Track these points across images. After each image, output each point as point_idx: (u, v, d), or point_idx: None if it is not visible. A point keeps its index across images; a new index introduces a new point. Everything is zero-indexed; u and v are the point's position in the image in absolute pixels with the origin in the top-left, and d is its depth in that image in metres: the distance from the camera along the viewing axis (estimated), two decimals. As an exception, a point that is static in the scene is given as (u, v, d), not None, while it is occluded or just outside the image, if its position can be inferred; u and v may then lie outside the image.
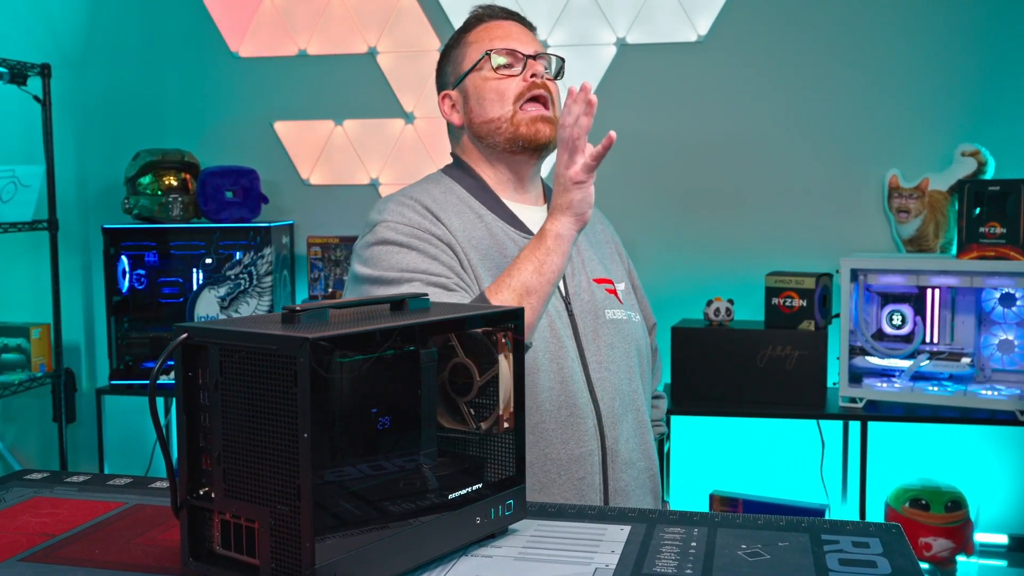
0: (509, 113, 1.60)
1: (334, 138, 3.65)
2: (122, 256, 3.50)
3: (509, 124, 1.60)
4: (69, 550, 1.14)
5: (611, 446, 1.57)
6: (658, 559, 1.09)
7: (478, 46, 1.65)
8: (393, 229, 1.54)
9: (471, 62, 1.64)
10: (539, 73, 1.62)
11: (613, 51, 3.39)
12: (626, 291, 1.71)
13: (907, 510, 2.93)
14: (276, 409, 0.94)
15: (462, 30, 1.71)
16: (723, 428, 3.32)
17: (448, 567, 1.07)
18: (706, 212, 3.36)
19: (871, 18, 3.20)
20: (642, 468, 1.63)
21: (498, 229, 1.60)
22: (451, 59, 1.70)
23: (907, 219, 3.11)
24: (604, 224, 1.83)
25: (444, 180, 1.67)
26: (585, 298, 1.62)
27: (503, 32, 1.66)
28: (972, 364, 2.87)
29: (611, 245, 1.79)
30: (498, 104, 1.61)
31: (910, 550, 1.11)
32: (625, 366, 1.61)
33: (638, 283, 1.83)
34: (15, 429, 3.87)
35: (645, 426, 1.66)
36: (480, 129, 1.63)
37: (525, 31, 1.69)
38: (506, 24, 1.68)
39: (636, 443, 1.62)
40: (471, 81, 1.64)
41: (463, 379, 1.17)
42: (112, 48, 3.77)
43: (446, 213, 1.58)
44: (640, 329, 1.70)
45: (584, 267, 1.66)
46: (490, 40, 1.65)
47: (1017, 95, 3.13)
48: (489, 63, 1.62)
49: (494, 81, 1.62)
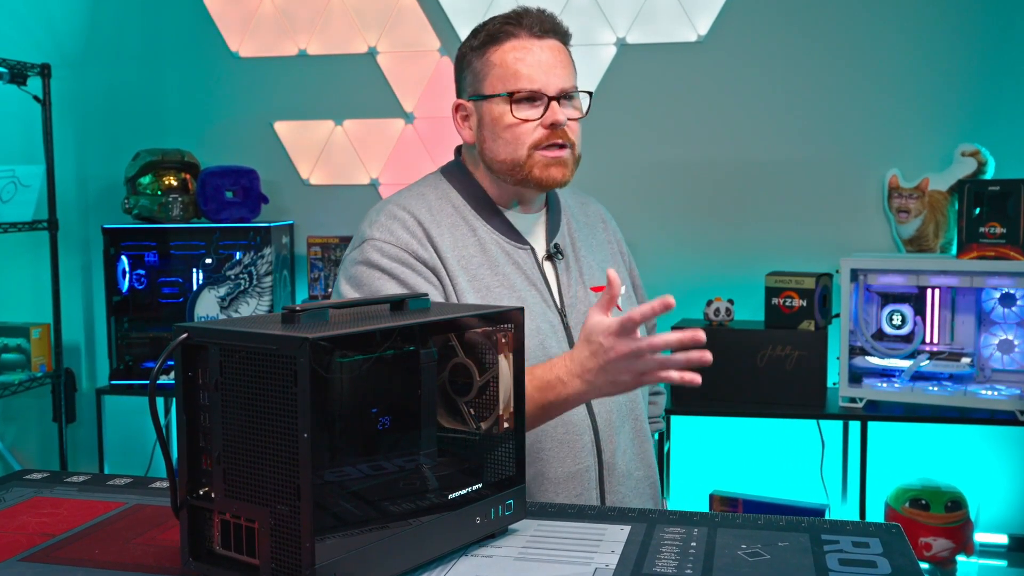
0: (523, 157, 1.52)
1: (334, 138, 3.65)
2: (122, 256, 3.50)
3: (521, 169, 1.53)
4: (69, 550, 1.14)
5: (608, 460, 1.55)
6: (658, 559, 1.09)
7: (501, 72, 1.53)
8: (380, 250, 1.51)
9: (491, 88, 1.54)
10: (559, 122, 1.51)
11: (613, 51, 3.39)
12: (627, 296, 1.68)
13: (907, 510, 2.93)
14: (276, 409, 0.94)
15: (488, 39, 1.56)
16: (723, 428, 3.32)
17: (448, 567, 1.07)
18: (706, 212, 3.36)
19: (871, 18, 3.20)
20: (640, 478, 1.61)
21: (491, 242, 1.56)
22: (471, 68, 1.58)
23: (907, 219, 3.11)
24: (607, 222, 1.78)
25: (442, 185, 1.62)
26: (582, 309, 1.59)
27: (532, 62, 1.52)
28: (972, 364, 2.87)
29: (613, 245, 1.76)
30: (512, 147, 1.52)
31: (910, 550, 1.11)
32: None
33: (639, 283, 1.81)
34: (15, 429, 3.87)
35: (643, 434, 1.64)
36: (491, 164, 1.56)
37: (558, 57, 1.55)
38: (537, 48, 1.53)
39: (634, 453, 1.61)
40: (488, 109, 1.54)
41: (463, 379, 1.17)
42: (112, 48, 3.77)
43: (439, 227, 1.54)
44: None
45: (582, 276, 1.63)
46: (515, 71, 1.52)
47: (1017, 95, 3.13)
48: (509, 103, 1.52)
49: (512, 125, 1.52)
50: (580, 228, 1.69)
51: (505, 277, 1.54)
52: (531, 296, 1.55)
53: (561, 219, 1.66)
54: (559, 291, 1.59)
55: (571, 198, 1.75)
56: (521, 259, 1.57)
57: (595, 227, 1.74)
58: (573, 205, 1.73)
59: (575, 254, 1.64)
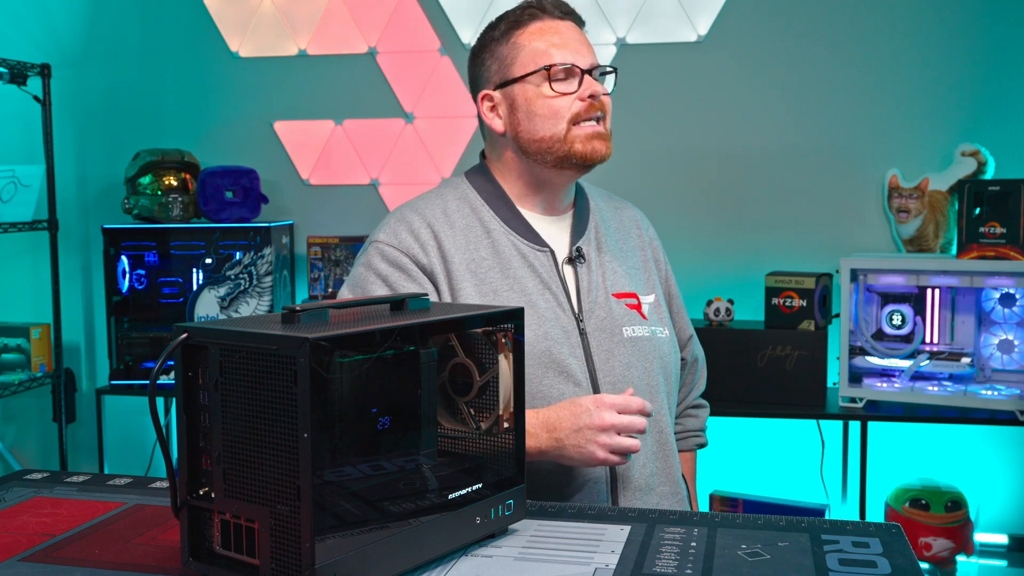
0: (562, 132, 1.51)
1: (334, 138, 3.65)
2: (122, 256, 3.50)
3: (562, 143, 1.51)
4: (69, 550, 1.14)
5: (622, 472, 1.49)
6: (658, 559, 1.09)
7: (531, 51, 1.52)
8: (380, 253, 1.52)
9: (523, 68, 1.52)
10: (597, 92, 1.52)
11: (613, 51, 3.39)
12: (654, 304, 1.62)
13: (907, 510, 2.93)
14: (276, 409, 0.94)
15: (512, 24, 1.55)
16: (723, 428, 3.32)
17: (448, 567, 1.07)
18: (706, 212, 3.36)
19: (871, 18, 3.20)
20: (664, 493, 1.54)
21: (506, 243, 1.54)
22: (496, 56, 1.56)
23: (907, 219, 3.11)
24: (642, 229, 1.72)
25: (462, 185, 1.61)
26: (601, 315, 1.55)
27: (561, 40, 1.53)
28: (972, 364, 2.87)
29: (647, 252, 1.70)
30: (551, 123, 1.51)
31: (910, 550, 1.11)
32: (645, 386, 1.53)
33: (675, 291, 1.74)
34: (15, 429, 3.87)
35: (669, 448, 1.56)
36: (528, 146, 1.53)
37: (581, 35, 1.56)
38: (563, 28, 1.54)
39: (656, 467, 1.53)
40: (521, 91, 1.53)
41: (463, 379, 1.17)
42: (112, 48, 3.77)
43: (452, 230, 1.53)
44: (667, 344, 1.60)
45: (604, 281, 1.58)
46: (546, 48, 1.52)
47: (1017, 95, 3.13)
48: (546, 78, 1.51)
49: (549, 99, 1.51)
50: (610, 232, 1.65)
51: (516, 280, 1.52)
52: (543, 300, 1.52)
53: (589, 223, 1.63)
54: (577, 295, 1.55)
55: (605, 202, 1.71)
56: (538, 261, 1.55)
57: (628, 232, 1.69)
58: (606, 209, 1.69)
59: (600, 259, 1.60)
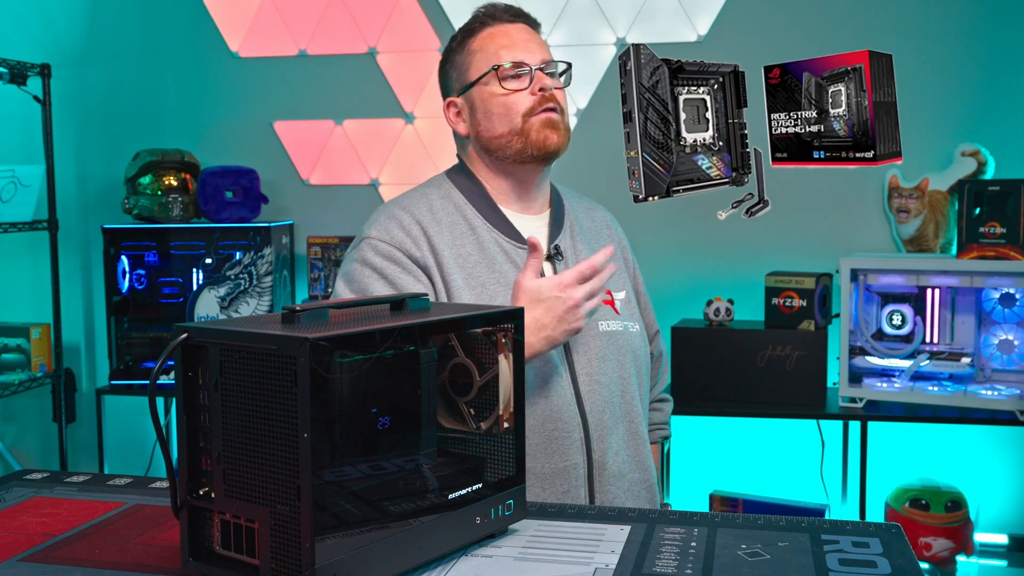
0: (518, 126, 1.58)
1: (334, 138, 3.65)
2: (122, 256, 3.50)
3: (519, 136, 1.58)
4: (69, 550, 1.14)
5: (598, 459, 1.56)
6: (658, 559, 1.09)
7: (483, 56, 1.61)
8: (374, 248, 1.56)
9: (477, 72, 1.61)
10: (547, 86, 1.59)
11: (613, 51, 3.39)
12: (626, 300, 1.70)
13: (907, 510, 2.93)
14: (276, 409, 0.94)
15: (466, 34, 1.65)
16: (723, 428, 3.32)
17: (448, 567, 1.07)
18: (706, 212, 3.35)
19: (871, 18, 3.20)
20: (635, 480, 1.62)
21: (490, 240, 1.59)
22: (455, 65, 1.66)
23: (907, 219, 3.11)
24: (612, 229, 1.79)
25: (445, 184, 1.66)
26: None
27: (509, 41, 1.61)
28: (972, 364, 2.87)
29: (617, 251, 1.76)
30: (506, 119, 1.59)
31: (910, 550, 1.11)
32: (618, 378, 1.60)
33: (642, 288, 1.81)
34: (15, 429, 3.87)
35: (640, 437, 1.64)
36: (490, 143, 1.61)
37: (532, 35, 1.65)
38: (512, 30, 1.63)
39: (628, 455, 1.61)
40: (477, 93, 1.61)
41: (463, 379, 1.17)
42: (112, 48, 3.77)
43: (439, 226, 1.58)
44: (638, 339, 1.68)
45: None
46: (496, 50, 1.60)
47: (1017, 95, 3.13)
48: (496, 78, 1.59)
49: (502, 97, 1.59)
50: (584, 232, 1.71)
51: (502, 275, 1.57)
52: None
53: (564, 222, 1.69)
54: None
55: (577, 203, 1.76)
56: (520, 258, 1.59)
57: (599, 232, 1.75)
58: (579, 210, 1.75)
59: (576, 256, 1.65)
